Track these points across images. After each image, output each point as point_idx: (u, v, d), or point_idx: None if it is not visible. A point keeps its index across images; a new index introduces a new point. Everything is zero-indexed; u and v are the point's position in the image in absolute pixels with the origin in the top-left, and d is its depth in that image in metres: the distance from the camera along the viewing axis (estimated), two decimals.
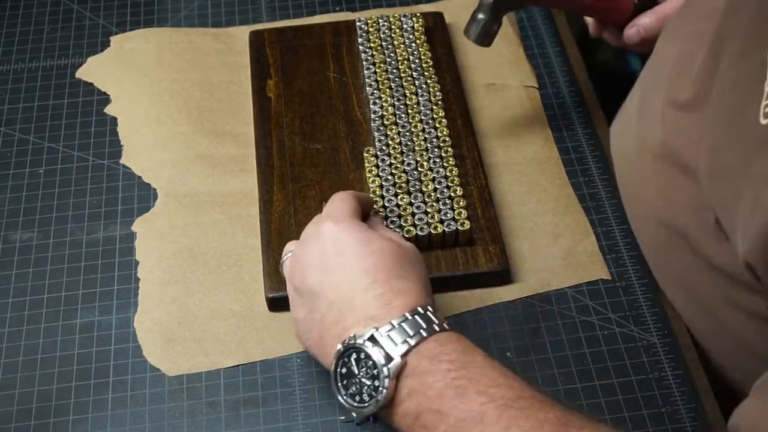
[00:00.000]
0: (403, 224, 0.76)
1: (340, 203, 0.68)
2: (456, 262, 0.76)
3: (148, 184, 0.84)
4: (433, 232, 0.75)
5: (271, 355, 0.73)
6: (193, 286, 0.77)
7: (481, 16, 0.79)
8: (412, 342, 0.58)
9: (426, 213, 0.77)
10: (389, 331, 0.59)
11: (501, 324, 0.74)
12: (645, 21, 0.82)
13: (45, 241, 0.81)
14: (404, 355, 0.58)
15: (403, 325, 0.59)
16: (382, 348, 0.58)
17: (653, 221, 0.67)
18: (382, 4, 1.01)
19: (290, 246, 0.70)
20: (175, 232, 0.80)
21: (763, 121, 0.51)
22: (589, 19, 0.87)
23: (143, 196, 0.83)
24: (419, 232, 0.75)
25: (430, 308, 0.61)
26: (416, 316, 0.60)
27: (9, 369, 0.73)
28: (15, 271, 0.79)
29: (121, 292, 0.77)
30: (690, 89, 0.60)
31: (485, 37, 0.80)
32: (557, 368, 0.71)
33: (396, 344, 0.58)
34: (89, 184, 0.85)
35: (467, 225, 0.76)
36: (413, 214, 0.77)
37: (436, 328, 0.59)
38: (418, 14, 0.94)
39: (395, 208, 0.77)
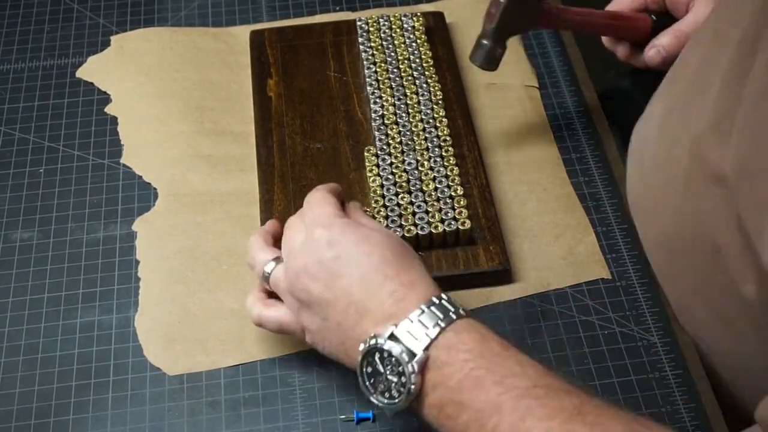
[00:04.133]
0: (404, 224, 0.76)
1: (319, 207, 0.67)
2: (456, 261, 0.76)
3: (149, 184, 0.84)
4: (433, 231, 0.75)
5: (271, 354, 0.73)
6: (193, 285, 0.77)
7: (485, 42, 0.79)
8: (432, 335, 0.58)
9: (427, 212, 0.77)
10: (408, 327, 0.59)
11: (501, 323, 0.74)
12: (665, 41, 0.80)
13: (45, 241, 0.81)
14: (426, 349, 0.58)
15: (421, 319, 0.59)
16: (404, 345, 0.58)
17: (676, 235, 0.66)
18: (382, 4, 1.01)
19: (263, 255, 0.68)
20: (176, 231, 0.80)
21: None
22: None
23: (144, 196, 0.83)
24: (420, 232, 0.75)
25: (443, 296, 0.61)
26: (432, 308, 0.60)
27: (9, 368, 0.73)
28: (15, 271, 0.79)
29: (121, 292, 0.77)
30: (716, 96, 0.59)
31: (490, 63, 0.80)
32: (557, 368, 0.71)
33: (417, 339, 0.58)
34: (89, 183, 0.85)
35: (468, 224, 0.76)
36: (414, 214, 0.77)
37: (453, 316, 0.59)
38: (418, 14, 0.94)
39: (396, 208, 0.77)
